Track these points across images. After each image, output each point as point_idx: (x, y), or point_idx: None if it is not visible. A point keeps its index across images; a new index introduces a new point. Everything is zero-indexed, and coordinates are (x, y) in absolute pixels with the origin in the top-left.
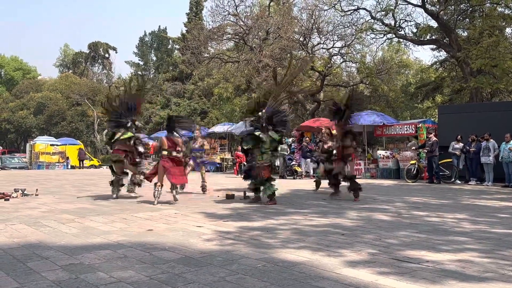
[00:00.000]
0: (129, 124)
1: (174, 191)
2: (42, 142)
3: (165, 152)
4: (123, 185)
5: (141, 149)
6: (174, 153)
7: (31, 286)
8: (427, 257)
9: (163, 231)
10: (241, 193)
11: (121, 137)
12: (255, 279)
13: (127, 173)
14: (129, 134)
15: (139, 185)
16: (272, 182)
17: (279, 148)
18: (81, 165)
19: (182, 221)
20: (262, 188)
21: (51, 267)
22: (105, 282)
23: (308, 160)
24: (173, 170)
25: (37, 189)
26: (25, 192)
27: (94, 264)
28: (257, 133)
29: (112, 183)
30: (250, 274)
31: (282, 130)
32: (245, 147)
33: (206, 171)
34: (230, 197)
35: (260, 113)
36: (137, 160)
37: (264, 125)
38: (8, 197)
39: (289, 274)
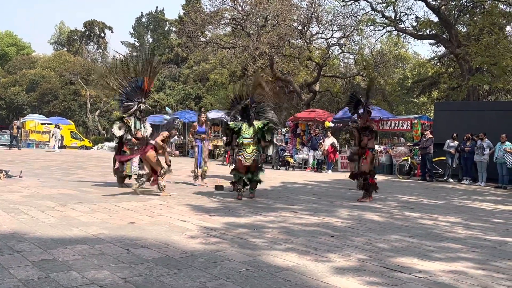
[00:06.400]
0: (134, 108)
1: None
2: (32, 119)
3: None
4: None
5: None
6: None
7: None
8: (419, 266)
9: (145, 225)
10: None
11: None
12: (237, 287)
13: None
14: (136, 123)
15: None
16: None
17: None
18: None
19: (167, 213)
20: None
21: (21, 263)
22: (76, 284)
23: (317, 152)
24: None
25: (21, 171)
26: (9, 173)
27: (68, 261)
28: (232, 125)
29: (116, 172)
30: (233, 279)
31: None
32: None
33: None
34: (219, 188)
35: (244, 103)
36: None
37: (250, 115)
38: None
39: (273, 281)
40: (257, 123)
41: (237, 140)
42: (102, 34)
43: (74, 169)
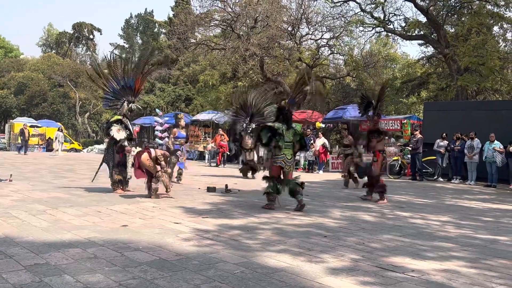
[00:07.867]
0: (121, 105)
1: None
2: (21, 123)
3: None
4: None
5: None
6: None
7: None
8: (412, 265)
9: (138, 228)
10: (223, 185)
11: (111, 119)
12: None
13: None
14: (116, 117)
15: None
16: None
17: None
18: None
19: (160, 216)
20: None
21: (14, 267)
22: None
23: (308, 153)
24: None
25: (11, 175)
26: None
27: (61, 265)
28: (276, 126)
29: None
30: (227, 281)
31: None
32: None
33: (187, 159)
34: (211, 190)
35: (282, 103)
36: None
37: (289, 117)
38: None
39: (268, 282)
40: (296, 126)
41: (279, 144)
42: (91, 36)
43: (64, 172)
